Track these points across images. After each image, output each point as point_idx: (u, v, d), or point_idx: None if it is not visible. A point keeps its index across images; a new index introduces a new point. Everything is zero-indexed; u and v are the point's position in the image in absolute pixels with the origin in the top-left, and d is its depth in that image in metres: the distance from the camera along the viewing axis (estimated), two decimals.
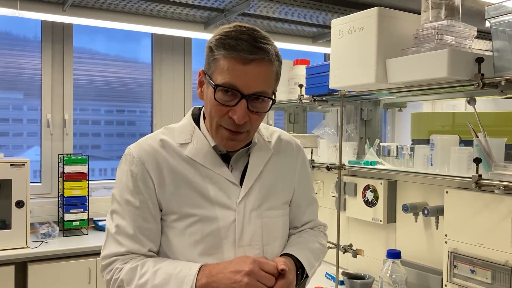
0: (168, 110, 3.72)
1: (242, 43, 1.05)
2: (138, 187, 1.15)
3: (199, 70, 1.16)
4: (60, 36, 3.34)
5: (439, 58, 1.53)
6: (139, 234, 1.14)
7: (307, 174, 1.37)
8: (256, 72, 1.07)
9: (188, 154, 1.17)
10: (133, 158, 1.16)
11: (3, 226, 2.68)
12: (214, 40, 1.09)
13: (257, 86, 1.08)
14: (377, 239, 2.11)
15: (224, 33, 1.08)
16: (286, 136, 1.34)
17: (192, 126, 1.22)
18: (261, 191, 1.20)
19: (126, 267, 1.11)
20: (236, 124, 1.09)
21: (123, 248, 1.13)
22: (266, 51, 1.08)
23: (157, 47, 3.68)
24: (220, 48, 1.07)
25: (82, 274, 2.73)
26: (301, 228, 1.36)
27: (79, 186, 3.02)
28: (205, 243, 1.14)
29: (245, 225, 1.16)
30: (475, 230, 1.59)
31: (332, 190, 2.36)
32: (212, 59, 1.10)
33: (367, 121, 2.34)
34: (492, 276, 1.53)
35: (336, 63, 1.92)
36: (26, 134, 3.40)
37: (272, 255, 1.21)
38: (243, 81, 1.07)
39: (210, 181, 1.16)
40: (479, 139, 1.58)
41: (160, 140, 1.18)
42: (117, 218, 1.16)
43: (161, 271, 1.08)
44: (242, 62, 1.06)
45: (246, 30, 1.08)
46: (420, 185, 1.91)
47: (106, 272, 1.14)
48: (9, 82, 3.27)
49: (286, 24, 3.43)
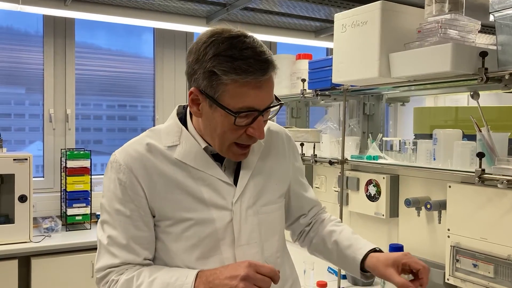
0: (170, 105, 3.72)
1: (252, 63, 1.01)
2: (128, 195, 1.11)
3: (191, 89, 1.08)
4: (62, 30, 3.33)
5: (443, 52, 1.52)
6: (132, 244, 1.11)
7: (299, 162, 1.38)
8: (268, 87, 1.06)
9: (178, 157, 1.13)
10: (119, 166, 1.11)
11: (7, 220, 2.70)
12: (217, 64, 1.02)
13: (270, 99, 1.08)
14: (379, 234, 2.11)
15: (224, 53, 1.02)
16: (275, 127, 1.32)
17: (178, 127, 1.17)
18: (255, 188, 1.19)
19: (121, 278, 1.08)
20: (253, 139, 1.09)
21: (117, 259, 1.10)
22: (272, 63, 1.05)
23: (159, 41, 3.68)
24: (230, 74, 1.01)
25: (85, 268, 2.74)
26: (310, 214, 1.38)
27: (82, 180, 3.03)
28: (203, 246, 1.12)
29: (242, 224, 1.15)
30: (478, 224, 1.59)
31: (334, 184, 2.36)
32: (217, 83, 1.03)
33: (370, 116, 2.34)
34: (494, 270, 1.53)
35: (339, 57, 1.91)
36: (28, 129, 3.40)
37: (271, 251, 1.21)
38: (260, 101, 1.05)
39: (203, 183, 1.13)
40: (482, 133, 1.57)
41: (147, 144, 1.14)
42: (108, 229, 1.13)
43: (158, 281, 1.06)
44: (258, 84, 1.03)
45: (242, 40, 1.03)
46: (423, 179, 1.90)
47: (102, 285, 1.11)
48: (11, 77, 3.27)
49: (289, 18, 3.42)
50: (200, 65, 1.04)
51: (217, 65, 1.02)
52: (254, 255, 1.15)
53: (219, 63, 1.02)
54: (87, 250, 2.75)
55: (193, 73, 1.07)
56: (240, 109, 1.04)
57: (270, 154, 1.26)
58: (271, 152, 1.26)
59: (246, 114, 1.05)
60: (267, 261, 1.19)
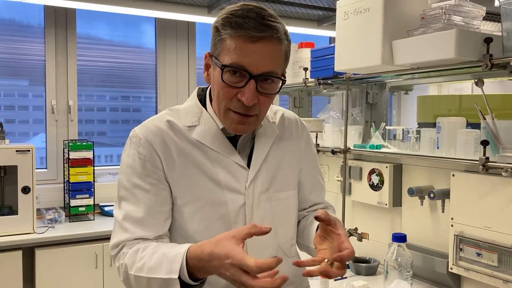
0: (173, 96, 3.71)
1: (250, 21, 1.01)
2: (147, 169, 1.10)
3: (205, 53, 1.12)
4: (63, 22, 3.32)
5: (447, 38, 1.50)
6: (148, 218, 1.09)
7: (311, 153, 1.34)
8: (264, 51, 1.03)
9: (196, 137, 1.13)
10: (139, 140, 1.12)
11: (10, 212, 2.71)
12: (220, 19, 1.06)
13: (266, 65, 1.04)
14: (382, 223, 2.11)
15: (231, 12, 1.05)
16: (289, 115, 1.31)
17: (199, 108, 1.17)
18: (268, 174, 1.18)
19: (130, 251, 1.08)
20: (245, 107, 1.06)
21: (129, 234, 1.09)
22: (274, 29, 1.04)
23: (160, 32, 3.65)
24: (227, 27, 1.03)
25: (88, 259, 2.75)
26: (310, 209, 1.33)
27: (85, 172, 3.03)
28: (215, 228, 1.10)
29: (254, 209, 1.14)
30: (482, 213, 1.58)
31: (337, 174, 2.35)
32: (218, 40, 1.06)
33: (373, 105, 2.32)
34: (498, 259, 1.52)
35: (341, 45, 1.89)
36: (32, 121, 3.41)
37: (286, 238, 1.20)
38: (251, 61, 1.03)
39: (219, 164, 1.13)
40: (487, 121, 1.55)
41: (167, 121, 1.14)
42: (125, 204, 1.11)
43: (157, 253, 1.04)
44: (250, 40, 1.02)
45: (253, 8, 1.04)
46: (426, 168, 1.89)
47: (116, 260, 1.11)
48: (14, 69, 3.26)
49: (291, 7, 3.39)
50: (213, 27, 1.08)
51: (219, 21, 1.06)
52: (264, 240, 1.10)
53: (221, 19, 1.05)
54: (90, 241, 2.76)
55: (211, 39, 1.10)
56: (230, 64, 1.03)
57: (283, 141, 1.25)
58: (284, 139, 1.25)
59: (235, 71, 1.03)
60: (281, 248, 1.19)
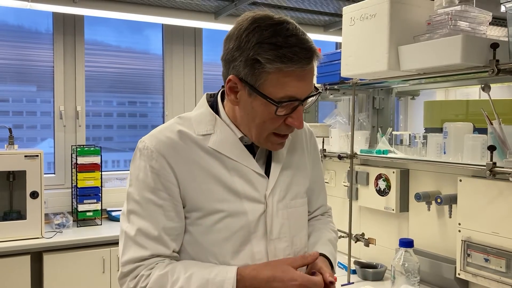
0: (180, 101, 3.73)
1: (297, 53, 0.99)
2: (160, 183, 1.06)
3: (230, 77, 1.04)
4: (71, 28, 3.35)
5: (453, 44, 1.50)
6: (163, 235, 1.06)
7: (318, 159, 1.36)
8: (310, 77, 1.04)
9: (213, 146, 1.09)
10: (151, 153, 1.07)
11: (19, 216, 2.73)
12: (261, 51, 0.99)
13: (311, 88, 1.05)
14: (389, 228, 2.10)
15: (268, 40, 0.99)
16: None
17: (212, 115, 1.13)
18: (285, 181, 1.18)
19: (154, 273, 1.03)
20: (291, 129, 1.08)
21: (147, 251, 1.05)
22: (316, 53, 1.03)
23: (167, 38, 3.68)
24: (275, 62, 0.98)
25: (96, 263, 2.77)
26: (313, 214, 1.35)
27: (92, 177, 3.05)
28: (234, 239, 1.09)
29: (274, 218, 1.13)
30: (489, 218, 1.57)
31: (344, 179, 2.35)
32: (261, 71, 1.00)
33: (379, 110, 2.32)
34: (506, 265, 1.51)
35: (347, 51, 1.90)
36: (40, 126, 3.43)
37: (301, 246, 1.20)
38: (302, 90, 1.03)
39: (236, 174, 1.10)
40: (494, 126, 1.55)
41: (178, 131, 1.10)
42: (136, 220, 1.07)
43: (196, 277, 1.01)
44: (302, 72, 1.01)
45: (288, 30, 1.00)
46: (433, 173, 1.89)
47: (129, 280, 1.05)
48: (22, 75, 3.30)
49: (297, 12, 3.40)
50: (242, 52, 1.01)
51: (261, 53, 0.99)
52: (284, 249, 1.14)
53: (263, 50, 0.99)
54: (98, 246, 2.78)
55: (232, 60, 1.03)
56: (281, 98, 1.01)
57: (295, 148, 1.25)
58: (296, 146, 1.25)
59: (287, 103, 1.02)
60: (296, 255, 1.19)
